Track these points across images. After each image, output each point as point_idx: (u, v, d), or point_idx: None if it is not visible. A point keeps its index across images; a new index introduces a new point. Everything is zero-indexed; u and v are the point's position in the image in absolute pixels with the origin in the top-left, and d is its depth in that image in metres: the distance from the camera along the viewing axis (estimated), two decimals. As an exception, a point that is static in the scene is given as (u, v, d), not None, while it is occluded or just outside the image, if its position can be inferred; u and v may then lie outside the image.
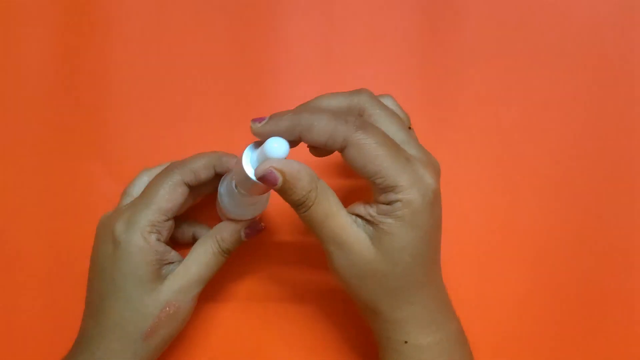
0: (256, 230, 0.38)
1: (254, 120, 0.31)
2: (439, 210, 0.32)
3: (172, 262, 0.36)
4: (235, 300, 0.43)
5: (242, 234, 0.37)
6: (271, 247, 0.43)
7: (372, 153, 0.29)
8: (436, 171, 0.32)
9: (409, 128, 0.34)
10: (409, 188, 0.29)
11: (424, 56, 0.45)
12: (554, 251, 0.43)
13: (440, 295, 0.34)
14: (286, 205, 0.33)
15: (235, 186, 0.35)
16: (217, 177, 0.38)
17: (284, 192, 0.30)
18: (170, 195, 0.35)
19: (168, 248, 0.36)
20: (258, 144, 0.32)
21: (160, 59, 0.45)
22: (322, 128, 0.29)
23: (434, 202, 0.30)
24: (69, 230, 0.43)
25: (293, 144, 0.31)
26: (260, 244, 0.43)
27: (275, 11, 0.45)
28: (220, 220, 0.38)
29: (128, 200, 0.38)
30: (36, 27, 0.45)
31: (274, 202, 0.43)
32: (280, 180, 0.30)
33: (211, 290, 0.42)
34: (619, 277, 0.43)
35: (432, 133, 0.44)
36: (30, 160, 0.44)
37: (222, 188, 0.36)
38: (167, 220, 0.35)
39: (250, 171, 0.31)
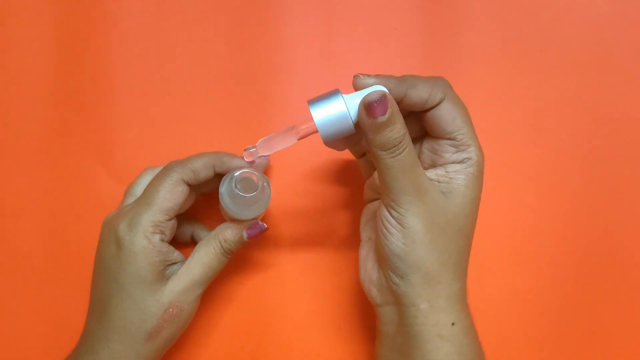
0: (258, 230, 0.37)
1: (359, 74, 0.33)
2: None
3: (175, 263, 0.36)
4: (236, 300, 0.43)
5: (245, 234, 0.37)
6: (272, 247, 0.43)
7: (461, 110, 0.33)
8: None
9: None
10: (478, 150, 0.34)
11: (424, 56, 0.45)
12: (555, 250, 0.43)
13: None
14: (286, 206, 0.33)
15: (235, 186, 0.35)
16: (218, 176, 0.38)
17: (387, 126, 0.31)
18: (171, 195, 0.35)
19: (171, 248, 0.36)
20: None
21: (160, 59, 0.45)
22: (425, 84, 0.32)
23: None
24: (69, 230, 0.43)
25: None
26: (261, 244, 0.43)
27: (275, 11, 0.45)
28: (223, 221, 0.38)
29: (131, 199, 0.38)
30: (36, 27, 0.45)
31: (275, 203, 0.43)
32: (390, 110, 0.31)
33: (212, 289, 0.42)
34: (620, 277, 0.43)
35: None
36: (30, 160, 0.44)
37: (223, 188, 0.36)
38: (170, 219, 0.36)
39: (350, 109, 0.32)
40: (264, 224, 0.38)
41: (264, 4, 0.45)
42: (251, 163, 0.37)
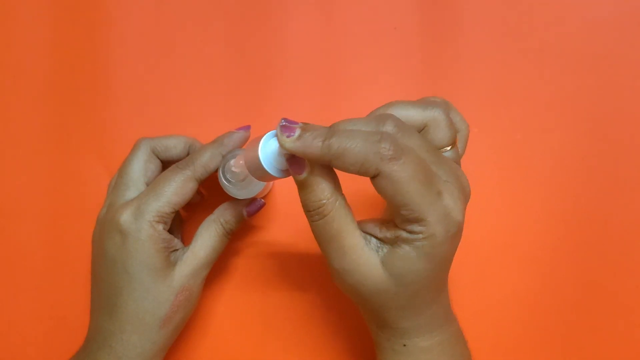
0: (257, 207, 0.39)
1: (283, 130, 0.28)
2: (459, 238, 0.31)
3: (177, 249, 0.37)
4: (236, 299, 0.43)
5: (244, 212, 0.38)
6: (272, 245, 0.43)
7: (403, 188, 0.27)
8: (465, 197, 0.30)
9: (452, 146, 0.32)
10: (435, 223, 0.28)
11: (424, 56, 0.45)
12: (555, 251, 0.43)
13: (445, 303, 0.34)
14: (290, 202, 0.33)
15: (226, 173, 0.36)
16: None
17: (304, 187, 0.29)
18: (181, 190, 0.36)
19: (171, 236, 0.37)
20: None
21: (160, 59, 0.45)
22: (354, 157, 0.27)
23: (457, 234, 0.29)
24: (69, 230, 0.43)
25: None
26: (263, 242, 0.43)
27: (275, 11, 0.45)
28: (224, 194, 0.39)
29: (124, 189, 0.38)
30: (36, 27, 0.45)
31: (278, 199, 0.43)
32: (306, 170, 0.29)
33: (212, 287, 0.43)
34: (619, 277, 0.43)
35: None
36: (30, 160, 0.44)
37: (220, 171, 0.37)
38: (173, 212, 0.36)
39: (266, 158, 0.30)
40: (262, 200, 0.39)
41: (263, 4, 0.45)
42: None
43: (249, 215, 0.39)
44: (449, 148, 0.32)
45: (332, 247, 0.30)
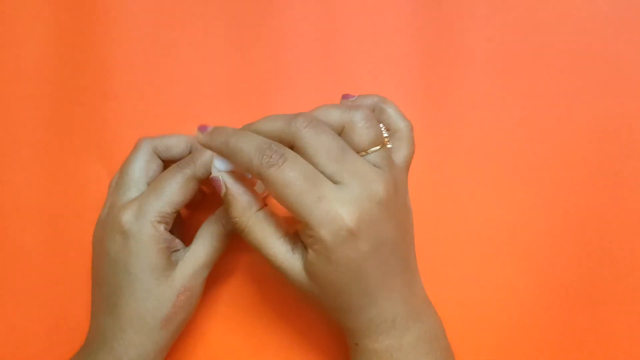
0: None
1: (199, 129, 0.34)
2: (364, 242, 0.31)
3: (178, 250, 0.37)
4: (236, 297, 0.43)
5: None
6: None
7: (281, 192, 0.30)
8: (372, 200, 0.31)
9: (381, 146, 0.32)
10: (318, 227, 0.30)
11: (424, 56, 0.45)
12: (555, 251, 0.43)
13: (390, 310, 0.33)
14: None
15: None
16: None
17: (225, 203, 0.34)
18: (183, 190, 0.36)
19: (173, 236, 0.37)
20: None
21: (160, 59, 0.45)
22: (242, 159, 0.31)
23: (350, 239, 0.30)
24: (69, 230, 0.43)
25: None
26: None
27: (276, 11, 0.45)
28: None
29: (125, 190, 0.38)
30: (36, 27, 0.45)
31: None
32: (223, 191, 0.33)
33: (212, 285, 0.43)
34: (619, 277, 0.43)
35: (432, 132, 0.44)
36: (30, 160, 0.44)
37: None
38: (175, 212, 0.36)
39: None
40: (264, 201, 0.38)
41: (264, 4, 0.45)
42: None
43: None
44: (377, 148, 0.32)
45: (262, 254, 0.33)
